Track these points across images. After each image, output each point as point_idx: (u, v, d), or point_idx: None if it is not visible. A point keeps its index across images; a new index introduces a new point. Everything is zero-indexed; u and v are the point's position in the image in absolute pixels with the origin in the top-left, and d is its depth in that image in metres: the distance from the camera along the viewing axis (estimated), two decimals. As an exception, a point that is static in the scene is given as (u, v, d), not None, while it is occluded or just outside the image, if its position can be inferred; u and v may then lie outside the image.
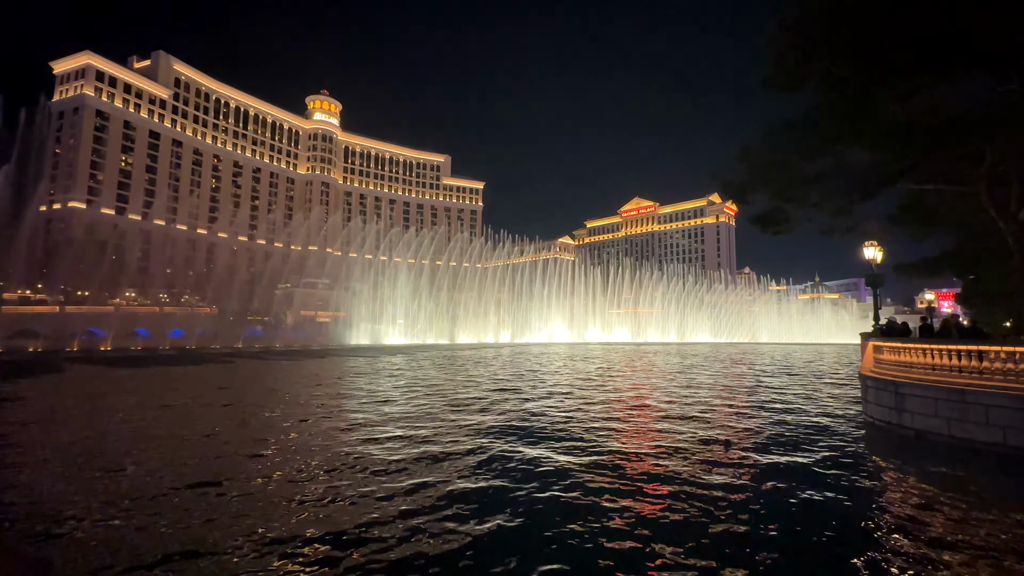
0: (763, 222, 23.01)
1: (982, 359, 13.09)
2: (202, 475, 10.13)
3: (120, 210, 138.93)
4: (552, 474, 10.40)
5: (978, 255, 24.31)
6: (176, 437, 14.03)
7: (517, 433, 14.59)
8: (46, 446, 12.93)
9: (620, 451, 12.41)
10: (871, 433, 14.75)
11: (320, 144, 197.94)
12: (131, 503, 8.41)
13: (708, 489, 9.33)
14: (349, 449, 12.52)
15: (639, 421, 16.71)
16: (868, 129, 17.41)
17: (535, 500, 8.81)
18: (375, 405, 20.03)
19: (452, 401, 21.14)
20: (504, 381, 29.56)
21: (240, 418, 17.11)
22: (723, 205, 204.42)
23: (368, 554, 6.66)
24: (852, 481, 10.06)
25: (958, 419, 12.32)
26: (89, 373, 34.88)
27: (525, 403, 20.66)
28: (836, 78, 16.80)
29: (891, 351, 16.49)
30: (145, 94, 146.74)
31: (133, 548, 6.65)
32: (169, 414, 18.00)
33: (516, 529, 7.58)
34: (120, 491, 9.04)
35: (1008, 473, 10.70)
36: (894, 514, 8.33)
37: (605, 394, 23.92)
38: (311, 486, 9.51)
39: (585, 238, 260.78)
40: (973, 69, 15.30)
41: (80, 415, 17.96)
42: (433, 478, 10.09)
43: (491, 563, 6.44)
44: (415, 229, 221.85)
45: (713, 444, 12.98)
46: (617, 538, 7.20)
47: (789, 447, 12.79)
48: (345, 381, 30.03)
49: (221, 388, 26.54)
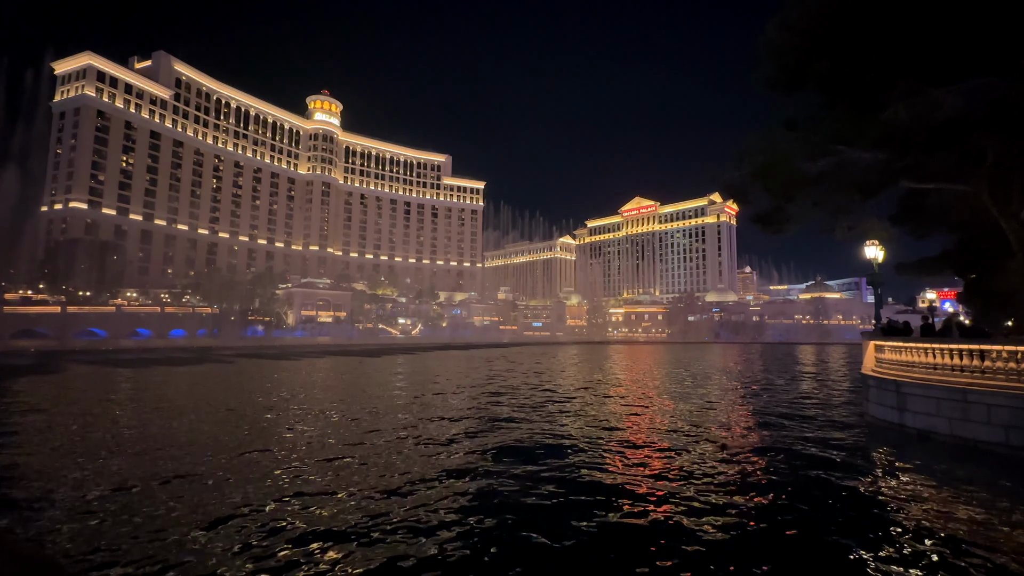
0: (764, 221, 22.94)
1: (984, 358, 13.06)
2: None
3: (121, 210, 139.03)
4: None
5: (979, 254, 24.23)
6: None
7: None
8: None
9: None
10: (873, 433, 14.73)
11: (321, 144, 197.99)
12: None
13: (708, 488, 9.32)
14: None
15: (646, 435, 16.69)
16: (869, 128, 17.36)
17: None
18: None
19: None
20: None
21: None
22: (724, 204, 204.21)
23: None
24: (853, 481, 10.04)
25: (960, 419, 12.29)
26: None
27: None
28: (837, 77, 16.76)
29: (893, 351, 16.47)
30: (146, 94, 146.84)
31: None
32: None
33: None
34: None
35: (1011, 473, 10.67)
36: (896, 514, 8.31)
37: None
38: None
39: (586, 238, 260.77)
40: (976, 68, 15.26)
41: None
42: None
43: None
44: (416, 229, 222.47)
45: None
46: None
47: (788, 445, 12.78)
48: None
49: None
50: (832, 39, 16.02)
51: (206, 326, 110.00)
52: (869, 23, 15.34)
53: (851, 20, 15.53)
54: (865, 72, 16.14)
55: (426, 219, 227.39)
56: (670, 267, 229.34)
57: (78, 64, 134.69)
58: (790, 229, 22.71)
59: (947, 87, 16.03)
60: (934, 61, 15.12)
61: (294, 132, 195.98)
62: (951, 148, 17.14)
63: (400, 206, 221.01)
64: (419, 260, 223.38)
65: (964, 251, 25.51)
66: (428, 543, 6.94)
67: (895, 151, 18.12)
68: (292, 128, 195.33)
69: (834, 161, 19.95)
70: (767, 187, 21.31)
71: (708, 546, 6.94)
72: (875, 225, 22.09)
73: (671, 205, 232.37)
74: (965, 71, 15.40)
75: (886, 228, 22.66)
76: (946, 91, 16.17)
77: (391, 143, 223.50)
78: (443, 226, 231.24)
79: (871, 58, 15.70)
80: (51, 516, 7.90)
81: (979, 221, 21.29)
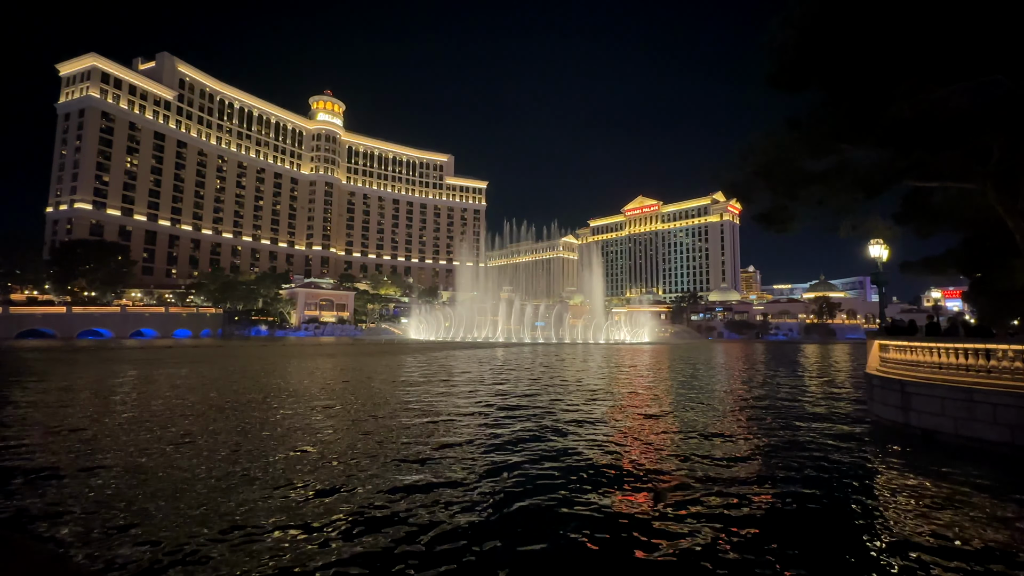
0: (767, 220, 22.88)
1: (989, 358, 13.00)
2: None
3: (126, 211, 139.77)
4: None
5: (985, 253, 24.13)
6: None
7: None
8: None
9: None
10: (877, 432, 14.67)
11: (324, 144, 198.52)
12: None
13: (706, 485, 9.31)
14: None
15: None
16: (873, 126, 17.29)
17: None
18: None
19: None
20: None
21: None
22: (727, 203, 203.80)
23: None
24: (854, 480, 10.02)
25: (965, 418, 12.24)
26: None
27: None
28: (840, 75, 16.70)
29: (897, 350, 16.41)
30: (150, 95, 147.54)
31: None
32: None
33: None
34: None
35: (1016, 473, 10.62)
36: (896, 513, 8.29)
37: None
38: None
39: (588, 237, 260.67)
40: (981, 66, 15.18)
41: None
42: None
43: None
44: (418, 229, 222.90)
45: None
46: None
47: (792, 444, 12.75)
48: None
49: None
50: (836, 37, 15.96)
51: (210, 326, 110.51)
52: (873, 20, 15.27)
53: (855, 17, 15.47)
54: (869, 70, 16.07)
55: (428, 219, 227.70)
56: (673, 266, 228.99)
57: (82, 66, 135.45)
58: (794, 228, 22.64)
59: (952, 85, 15.96)
60: (939, 59, 15.04)
61: (297, 132, 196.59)
62: (956, 146, 17.06)
63: (403, 206, 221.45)
64: (422, 260, 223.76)
65: (969, 250, 25.40)
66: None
67: (899, 149, 18.06)
68: (295, 128, 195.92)
69: (838, 159, 19.90)
70: (770, 185, 21.25)
71: (705, 544, 6.94)
72: (879, 224, 21.99)
73: (674, 204, 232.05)
74: (970, 69, 15.31)
75: (890, 227, 22.54)
76: (951, 89, 16.09)
77: (394, 143, 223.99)
78: (445, 226, 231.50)
79: (875, 56, 15.63)
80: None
81: (984, 219, 21.18)
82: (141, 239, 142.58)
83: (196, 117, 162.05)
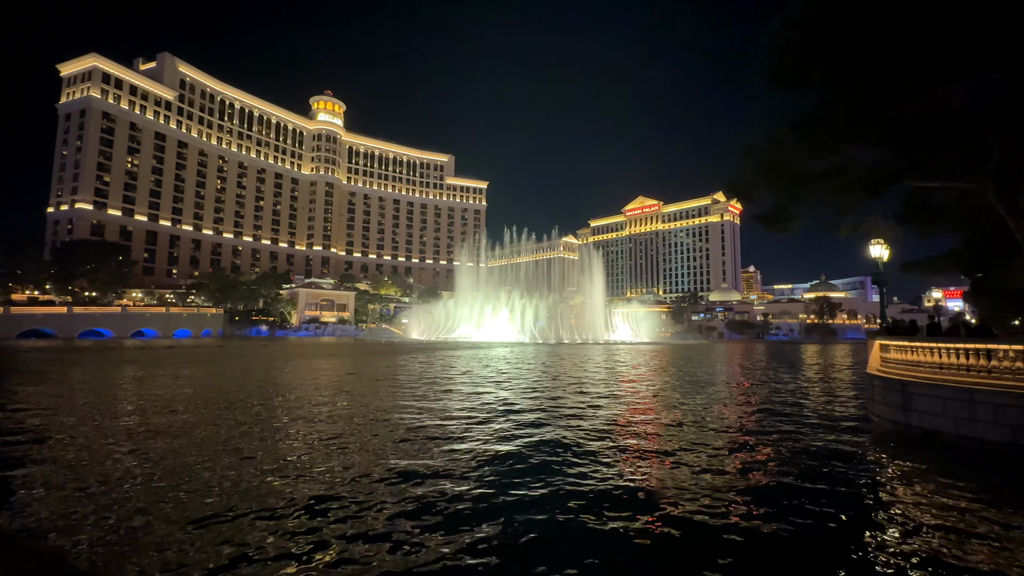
0: (768, 220, 22.85)
1: (991, 358, 12.98)
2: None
3: (127, 211, 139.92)
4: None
5: (986, 253, 24.07)
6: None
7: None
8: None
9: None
10: (878, 432, 14.65)
11: (324, 144, 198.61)
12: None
13: (705, 483, 9.30)
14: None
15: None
16: (874, 126, 17.26)
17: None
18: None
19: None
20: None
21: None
22: (728, 204, 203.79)
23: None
24: (855, 479, 10.00)
25: (966, 418, 12.22)
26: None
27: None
28: (841, 75, 16.67)
29: (898, 350, 16.38)
30: (151, 96, 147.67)
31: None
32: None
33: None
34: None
35: (1017, 473, 10.60)
36: (897, 513, 8.28)
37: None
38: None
39: (589, 237, 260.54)
40: (982, 66, 15.16)
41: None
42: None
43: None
44: (419, 229, 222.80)
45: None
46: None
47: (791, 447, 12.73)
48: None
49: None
50: (837, 36, 15.94)
51: (211, 326, 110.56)
52: (874, 20, 15.25)
53: (856, 17, 15.45)
54: (870, 70, 16.04)
55: (429, 219, 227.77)
56: (673, 267, 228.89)
57: (83, 66, 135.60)
58: (794, 228, 22.60)
59: (953, 84, 15.93)
60: (940, 58, 15.01)
61: (297, 133, 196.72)
62: (957, 146, 17.03)
63: (403, 206, 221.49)
64: (422, 260, 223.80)
65: (970, 250, 25.34)
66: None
67: (900, 149, 18.03)
68: (295, 129, 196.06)
69: (839, 159, 19.86)
70: (771, 185, 21.22)
71: (705, 542, 6.93)
72: (880, 223, 21.95)
73: (674, 204, 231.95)
74: (971, 68, 15.29)
75: (891, 226, 22.49)
76: (952, 88, 16.07)
77: (394, 143, 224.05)
78: (446, 226, 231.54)
79: (876, 55, 15.61)
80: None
81: (985, 219, 21.15)
82: (142, 239, 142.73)
83: (197, 117, 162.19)
